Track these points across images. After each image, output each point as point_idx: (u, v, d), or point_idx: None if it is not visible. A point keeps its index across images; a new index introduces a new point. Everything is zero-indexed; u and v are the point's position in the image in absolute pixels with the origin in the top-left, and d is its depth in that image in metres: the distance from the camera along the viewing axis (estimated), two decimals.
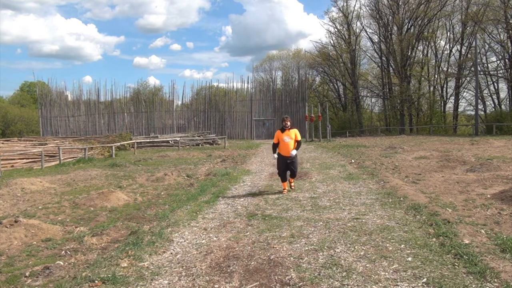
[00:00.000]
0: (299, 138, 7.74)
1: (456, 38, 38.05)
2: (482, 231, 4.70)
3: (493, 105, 37.63)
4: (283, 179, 7.89)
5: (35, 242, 4.97)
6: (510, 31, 32.50)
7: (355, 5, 46.34)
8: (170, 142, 25.98)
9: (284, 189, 7.86)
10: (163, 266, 3.99)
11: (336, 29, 43.92)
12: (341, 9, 42.52)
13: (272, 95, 35.37)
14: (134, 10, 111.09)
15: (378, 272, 3.63)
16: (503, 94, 37.13)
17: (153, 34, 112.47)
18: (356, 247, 4.32)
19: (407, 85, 37.90)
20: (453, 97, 39.73)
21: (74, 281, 3.58)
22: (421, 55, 40.07)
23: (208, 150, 21.91)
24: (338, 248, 4.30)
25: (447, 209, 5.82)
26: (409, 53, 38.43)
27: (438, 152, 14.55)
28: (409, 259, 3.90)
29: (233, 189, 8.53)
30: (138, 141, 24.95)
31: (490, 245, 4.19)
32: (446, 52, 39.55)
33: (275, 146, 7.93)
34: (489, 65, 37.00)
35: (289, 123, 7.67)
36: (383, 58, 41.29)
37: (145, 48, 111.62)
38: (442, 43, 39.92)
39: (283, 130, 7.68)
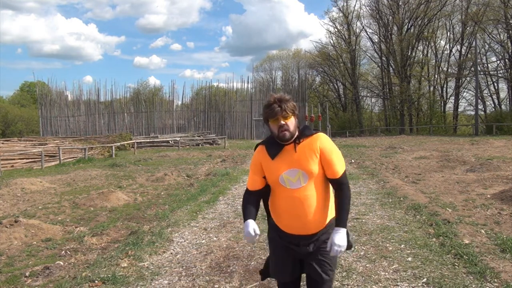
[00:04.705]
0: (339, 169, 2.16)
1: (456, 38, 38.06)
2: (482, 231, 4.70)
3: (493, 105, 37.63)
4: None
5: (35, 242, 4.96)
6: (510, 31, 32.50)
7: (355, 5, 46.31)
8: (170, 142, 25.97)
9: None
10: (163, 266, 3.99)
11: (336, 29, 44.01)
12: (341, 9, 42.60)
13: None
14: (135, 10, 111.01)
15: (378, 272, 3.63)
16: (503, 94, 37.17)
17: (154, 34, 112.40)
18: (356, 247, 4.32)
19: (407, 85, 37.91)
20: (453, 97, 39.75)
21: (74, 281, 3.58)
22: (421, 55, 40.07)
23: (208, 150, 21.90)
24: None
25: (447, 209, 5.82)
26: (409, 53, 38.44)
27: (438, 152, 14.55)
28: (409, 259, 3.90)
29: (233, 189, 8.52)
30: (138, 141, 24.93)
31: (490, 245, 4.19)
32: (446, 52, 39.57)
33: (249, 203, 2.34)
34: (489, 65, 37.00)
35: (292, 125, 2.12)
36: (383, 58, 41.30)
37: (145, 48, 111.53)
38: (442, 43, 39.97)
39: (274, 149, 2.19)
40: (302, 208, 2.14)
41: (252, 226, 2.22)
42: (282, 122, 2.10)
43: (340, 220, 2.17)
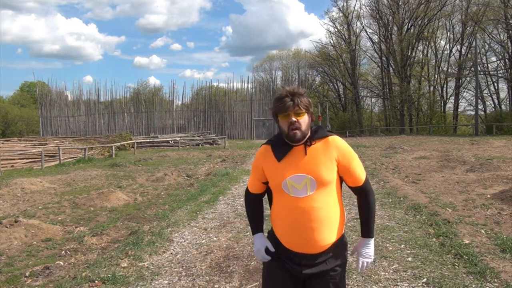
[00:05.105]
0: (361, 175, 1.93)
1: (456, 38, 38.07)
2: (482, 231, 4.70)
3: (493, 105, 37.64)
4: None
5: (35, 242, 4.96)
6: (510, 31, 32.50)
7: (355, 5, 46.44)
8: (170, 142, 25.97)
9: None
10: (163, 266, 3.99)
11: (336, 29, 44.04)
12: (341, 9, 42.64)
13: (272, 95, 35.34)
14: (135, 10, 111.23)
15: (378, 272, 3.63)
16: (503, 94, 37.17)
17: (154, 34, 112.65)
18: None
19: (407, 85, 37.92)
20: (453, 97, 39.76)
21: (74, 281, 3.58)
22: (421, 55, 40.09)
23: (208, 150, 21.90)
24: None
25: (447, 209, 5.82)
26: (409, 53, 38.46)
27: (438, 152, 14.55)
28: (409, 259, 3.90)
29: (233, 189, 8.52)
30: (138, 141, 24.94)
31: (490, 245, 4.19)
32: (446, 52, 39.59)
33: (253, 206, 2.17)
34: (489, 65, 37.01)
35: (304, 123, 1.81)
36: (383, 58, 41.32)
37: (145, 48, 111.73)
38: (442, 43, 39.99)
39: (281, 149, 1.88)
40: (308, 221, 1.83)
41: (264, 243, 2.00)
42: (294, 119, 1.79)
43: (369, 230, 1.99)
